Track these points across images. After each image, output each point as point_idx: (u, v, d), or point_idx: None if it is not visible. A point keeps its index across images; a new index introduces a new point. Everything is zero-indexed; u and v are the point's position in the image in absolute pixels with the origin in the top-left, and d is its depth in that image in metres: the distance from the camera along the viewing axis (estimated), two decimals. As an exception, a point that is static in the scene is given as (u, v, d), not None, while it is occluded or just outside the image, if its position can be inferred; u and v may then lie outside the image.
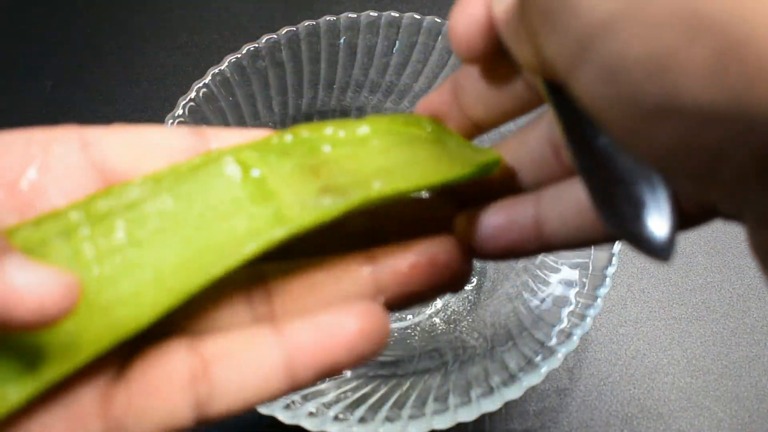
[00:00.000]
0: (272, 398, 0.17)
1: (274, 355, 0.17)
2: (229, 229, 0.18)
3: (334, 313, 0.18)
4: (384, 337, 0.18)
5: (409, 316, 0.39)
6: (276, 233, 0.18)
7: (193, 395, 0.17)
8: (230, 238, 0.18)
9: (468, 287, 0.40)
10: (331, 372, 0.18)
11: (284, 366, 0.17)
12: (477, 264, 0.41)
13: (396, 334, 0.39)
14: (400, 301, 0.19)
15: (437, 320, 0.39)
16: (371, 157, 0.19)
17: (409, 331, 0.39)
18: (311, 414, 0.30)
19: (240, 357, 0.17)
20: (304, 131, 0.20)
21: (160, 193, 0.18)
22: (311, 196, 0.18)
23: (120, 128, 0.19)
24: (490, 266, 0.41)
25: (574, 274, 0.35)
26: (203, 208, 0.18)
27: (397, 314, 0.39)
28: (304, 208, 0.18)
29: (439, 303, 0.40)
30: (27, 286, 0.14)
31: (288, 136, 0.19)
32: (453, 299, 0.40)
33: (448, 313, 0.39)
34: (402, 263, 0.19)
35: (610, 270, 0.34)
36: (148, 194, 0.18)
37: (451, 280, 0.19)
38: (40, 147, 0.18)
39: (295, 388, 0.18)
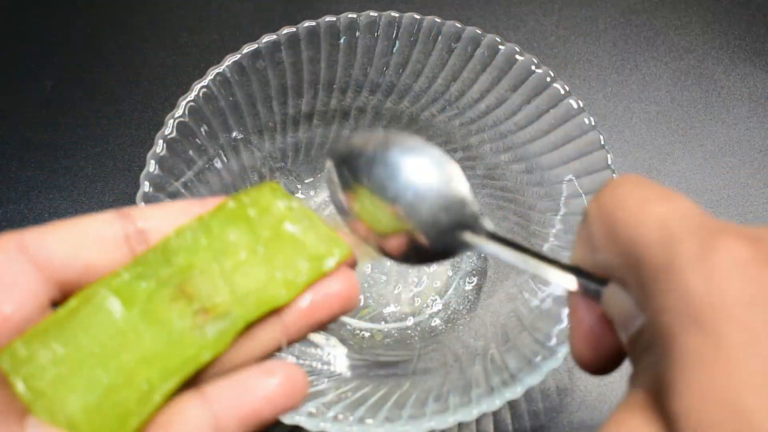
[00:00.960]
0: None
1: (201, 417, 0.19)
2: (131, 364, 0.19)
3: (253, 372, 0.20)
4: (302, 389, 0.20)
5: (410, 317, 0.39)
6: (186, 369, 0.20)
7: None
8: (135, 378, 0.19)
9: (468, 287, 0.40)
10: (256, 425, 0.20)
11: (211, 426, 0.19)
12: (477, 264, 0.41)
13: (396, 334, 0.39)
14: (305, 333, 0.22)
15: (437, 320, 0.39)
16: (234, 265, 0.21)
17: (409, 331, 0.39)
18: (311, 414, 0.30)
19: (170, 422, 0.19)
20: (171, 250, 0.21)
21: (49, 343, 0.19)
22: (193, 325, 0.20)
23: (53, 226, 0.20)
24: (491, 266, 0.41)
25: (574, 274, 0.35)
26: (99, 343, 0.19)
27: (397, 315, 0.39)
28: (194, 341, 0.20)
29: (439, 303, 0.40)
30: None
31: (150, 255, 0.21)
32: (453, 299, 0.40)
33: (448, 313, 0.39)
34: (302, 303, 0.21)
35: (610, 270, 0.34)
36: (37, 347, 0.19)
37: (346, 305, 0.22)
38: None
39: None
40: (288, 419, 0.29)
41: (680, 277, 0.15)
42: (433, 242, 0.22)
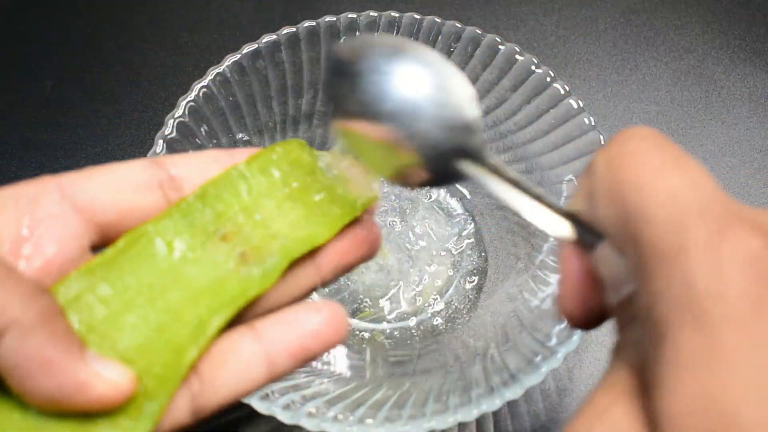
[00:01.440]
0: (256, 389, 0.21)
1: (254, 351, 0.20)
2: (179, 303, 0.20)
3: (301, 309, 0.21)
4: (344, 325, 0.21)
5: (412, 317, 0.39)
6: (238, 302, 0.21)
7: (187, 392, 0.20)
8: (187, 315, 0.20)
9: (468, 287, 0.40)
10: (304, 359, 0.21)
11: (264, 359, 0.20)
12: (478, 263, 0.41)
13: (397, 334, 0.39)
14: (336, 275, 0.23)
15: (438, 320, 0.39)
16: (271, 209, 0.22)
17: (410, 331, 0.39)
18: (311, 414, 0.30)
19: (224, 355, 0.20)
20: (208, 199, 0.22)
21: (98, 283, 0.20)
22: (238, 265, 0.21)
23: (89, 171, 0.21)
24: (491, 266, 0.41)
25: (574, 274, 0.35)
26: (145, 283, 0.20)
27: (398, 314, 0.39)
28: (240, 278, 0.21)
29: (441, 302, 0.40)
30: (105, 375, 0.18)
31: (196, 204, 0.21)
32: (454, 299, 0.40)
33: (449, 313, 0.39)
34: (333, 246, 0.23)
35: (610, 270, 0.34)
36: (87, 285, 0.19)
37: (371, 249, 0.23)
38: (28, 202, 0.20)
39: (274, 377, 0.21)
40: (289, 419, 0.29)
41: (684, 267, 0.14)
42: (429, 166, 0.20)
